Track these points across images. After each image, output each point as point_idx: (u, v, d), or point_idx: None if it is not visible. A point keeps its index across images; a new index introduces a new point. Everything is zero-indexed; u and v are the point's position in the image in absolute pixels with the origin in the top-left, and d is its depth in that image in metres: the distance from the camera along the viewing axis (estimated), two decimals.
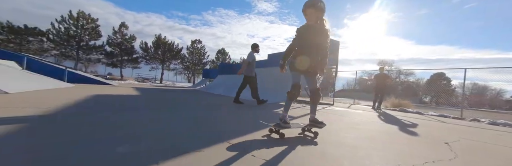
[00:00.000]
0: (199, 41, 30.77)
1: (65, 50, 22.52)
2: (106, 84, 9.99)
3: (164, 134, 1.59)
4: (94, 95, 4.39)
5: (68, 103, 2.89)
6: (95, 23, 22.51)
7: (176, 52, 28.40)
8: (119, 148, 1.19)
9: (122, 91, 6.37)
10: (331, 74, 7.86)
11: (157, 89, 9.86)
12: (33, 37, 22.18)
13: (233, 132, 1.78)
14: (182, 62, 30.39)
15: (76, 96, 3.91)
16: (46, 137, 1.31)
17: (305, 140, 1.69)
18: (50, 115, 2.01)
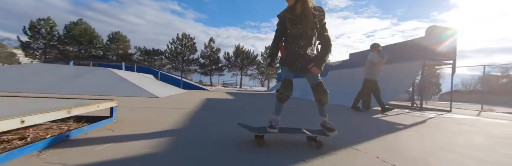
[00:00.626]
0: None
1: (175, 64, 29.69)
2: (204, 89, 12.36)
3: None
4: (207, 98, 5.60)
5: (200, 103, 3.88)
6: (192, 41, 28.51)
7: (252, 59, 31.14)
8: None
9: (219, 95, 7.72)
10: (434, 72, 6.22)
11: (243, 93, 11.18)
12: (157, 56, 30.58)
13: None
14: (257, 68, 32.87)
15: (197, 98, 5.15)
16: (212, 116, 1.89)
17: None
18: (199, 110, 2.81)
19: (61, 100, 1.60)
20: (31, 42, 23.61)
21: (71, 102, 1.48)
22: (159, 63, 31.24)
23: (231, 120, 2.35)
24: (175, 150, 1.24)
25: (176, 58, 28.59)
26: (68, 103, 1.42)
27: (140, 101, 3.91)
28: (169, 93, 6.37)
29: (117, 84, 5.34)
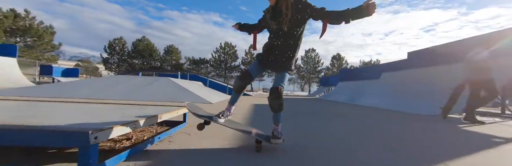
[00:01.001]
0: (313, 49, 31.41)
1: (218, 71, 31.82)
2: (248, 95, 12.76)
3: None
4: (255, 103, 5.77)
5: (251, 109, 4.03)
6: (234, 49, 30.16)
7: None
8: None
9: (264, 100, 7.84)
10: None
11: (285, 98, 11.06)
12: (203, 65, 33.42)
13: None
14: (297, 72, 32.26)
15: (246, 104, 5.36)
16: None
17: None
18: (254, 116, 2.91)
19: (152, 107, 1.89)
20: (109, 58, 29.13)
21: (159, 109, 1.73)
22: (205, 71, 34.02)
23: (290, 126, 2.33)
24: (253, 153, 1.29)
25: (220, 65, 30.63)
26: (157, 110, 1.66)
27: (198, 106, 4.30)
28: (219, 98, 6.81)
29: (176, 92, 6.02)
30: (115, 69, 29.73)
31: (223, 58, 30.34)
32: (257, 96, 12.55)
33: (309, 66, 31.65)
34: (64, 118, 1.19)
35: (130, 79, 7.08)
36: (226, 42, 30.45)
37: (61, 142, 0.88)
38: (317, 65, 31.57)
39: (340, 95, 10.95)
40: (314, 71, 31.61)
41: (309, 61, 31.59)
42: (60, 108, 1.64)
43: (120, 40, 29.23)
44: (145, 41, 30.19)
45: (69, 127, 0.91)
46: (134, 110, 1.73)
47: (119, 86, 6.45)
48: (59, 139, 0.87)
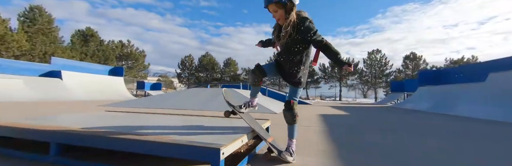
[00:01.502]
0: (378, 50, 27.93)
1: (272, 80, 32.36)
2: (307, 103, 12.28)
3: None
4: (321, 114, 5.46)
5: (320, 119, 3.83)
6: None
7: (354, 67, 28.25)
8: None
9: (328, 110, 7.32)
10: None
11: (350, 107, 10.01)
12: None
13: None
14: (359, 77, 29.11)
15: (310, 113, 5.15)
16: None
17: None
18: (329, 128, 2.73)
19: (237, 120, 2.04)
20: (181, 72, 34.46)
21: (243, 121, 1.84)
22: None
23: (365, 149, 2.04)
24: None
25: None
26: (243, 122, 1.77)
27: (265, 117, 4.40)
28: (281, 108, 6.83)
29: (241, 101, 6.42)
30: (186, 82, 34.80)
31: None
32: (317, 105, 11.90)
33: (374, 70, 27.97)
34: (186, 132, 1.41)
35: (202, 91, 8.06)
36: None
37: (194, 156, 1.03)
38: (385, 68, 27.54)
39: (421, 102, 9.10)
40: (381, 75, 27.68)
41: (374, 64, 27.97)
42: (173, 120, 1.99)
43: (189, 57, 34.38)
44: (208, 56, 34.34)
45: (199, 142, 1.06)
46: (226, 122, 1.90)
47: (194, 97, 7.42)
48: (192, 153, 1.02)
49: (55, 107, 5.77)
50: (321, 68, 30.34)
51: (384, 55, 27.53)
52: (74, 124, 1.44)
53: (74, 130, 1.18)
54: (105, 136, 1.09)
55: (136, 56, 26.67)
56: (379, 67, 27.65)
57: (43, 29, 17.74)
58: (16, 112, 4.11)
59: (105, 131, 1.20)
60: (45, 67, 11.38)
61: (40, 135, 1.22)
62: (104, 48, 23.42)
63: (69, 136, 1.15)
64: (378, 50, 27.97)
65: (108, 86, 13.53)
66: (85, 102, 8.38)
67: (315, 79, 30.64)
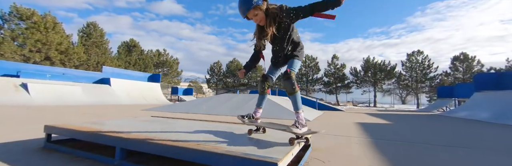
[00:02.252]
0: (419, 52, 25.40)
1: (300, 85, 31.66)
2: (339, 110, 11.60)
3: None
4: (359, 122, 5.07)
5: (360, 129, 3.54)
6: (315, 61, 29.45)
7: (389, 71, 25.96)
8: None
9: (364, 118, 6.77)
10: None
11: (390, 115, 9.13)
12: None
13: None
14: (397, 81, 26.65)
15: (347, 121, 4.81)
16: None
17: None
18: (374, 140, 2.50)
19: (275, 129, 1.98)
20: (210, 78, 36.02)
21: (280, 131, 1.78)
22: None
23: (459, 162, 1.77)
24: None
25: (301, 79, 30.47)
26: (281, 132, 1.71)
27: None
28: (313, 115, 6.55)
29: (273, 108, 6.35)
30: (215, 87, 36.18)
31: (304, 71, 30.12)
32: (350, 111, 11.15)
33: (415, 73, 25.28)
34: (235, 141, 1.42)
35: (232, 97, 8.24)
36: (307, 55, 30.40)
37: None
38: (428, 71, 24.69)
39: (479, 110, 7.85)
40: (423, 78, 24.86)
41: (414, 67, 25.30)
42: (217, 127, 2.04)
43: (217, 64, 35.89)
44: (235, 62, 35.36)
45: (255, 154, 1.04)
46: (268, 132, 1.87)
47: (225, 103, 7.61)
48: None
49: (108, 110, 6.49)
50: (352, 72, 28.67)
51: (427, 56, 24.82)
52: (134, 130, 1.56)
53: (138, 137, 1.27)
54: (167, 144, 1.15)
55: (170, 63, 28.87)
56: (421, 70, 24.90)
57: (96, 42, 20.51)
58: (79, 114, 4.72)
59: (166, 139, 1.26)
60: (97, 75, 13.01)
61: (108, 140, 1.34)
62: (144, 57, 25.95)
63: (134, 142, 1.25)
64: (419, 52, 25.34)
65: (147, 91, 14.81)
66: (129, 106, 9.26)
67: (346, 84, 29.00)
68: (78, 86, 10.63)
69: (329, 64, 29.25)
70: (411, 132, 3.74)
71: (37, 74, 10.04)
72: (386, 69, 26.20)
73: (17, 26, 14.68)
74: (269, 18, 1.52)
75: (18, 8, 14.85)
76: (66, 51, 16.45)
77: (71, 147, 1.66)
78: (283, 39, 1.60)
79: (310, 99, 11.81)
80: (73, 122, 3.47)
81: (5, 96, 7.69)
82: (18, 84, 8.54)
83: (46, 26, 15.43)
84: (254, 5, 1.45)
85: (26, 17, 14.88)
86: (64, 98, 9.33)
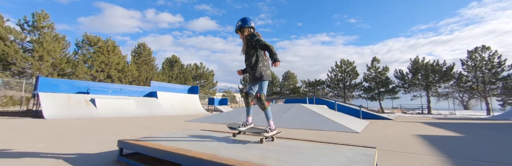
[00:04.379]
0: (485, 47, 21.66)
1: (336, 92, 29.81)
2: (387, 119, 10.39)
3: None
4: (419, 134, 4.41)
5: (425, 144, 3.05)
6: (352, 65, 27.67)
7: (446, 71, 22.59)
8: None
9: (424, 128, 5.86)
10: None
11: (455, 124, 7.72)
12: (319, 86, 33.08)
13: None
14: (457, 83, 22.88)
15: (403, 134, 4.22)
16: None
17: None
18: (458, 161, 2.09)
19: (340, 146, 1.82)
20: (243, 88, 36.90)
21: (346, 149, 1.62)
22: (322, 92, 33.21)
23: None
24: None
25: (337, 85, 28.77)
26: (348, 149, 1.55)
27: (348, 139, 3.90)
28: (359, 125, 5.99)
29: (314, 119, 6.05)
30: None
31: (341, 77, 28.40)
32: (401, 120, 9.86)
33: (481, 73, 21.31)
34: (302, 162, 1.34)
35: (271, 107, 8.19)
36: (343, 60, 28.81)
37: None
38: (500, 70, 20.53)
39: None
40: (493, 79, 20.71)
41: (479, 66, 21.35)
42: (271, 145, 2.00)
43: None
44: None
45: None
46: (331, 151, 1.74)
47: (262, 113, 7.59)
48: None
49: (158, 121, 7.13)
50: (397, 75, 25.80)
51: (495, 52, 20.84)
52: (193, 146, 1.64)
53: (202, 157, 1.31)
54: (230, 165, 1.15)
55: (206, 76, 30.77)
56: (490, 69, 20.84)
57: (145, 60, 23.38)
58: (138, 126, 5.28)
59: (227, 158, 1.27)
60: (147, 89, 14.60)
61: (175, 157, 1.42)
62: (184, 71, 28.34)
63: (198, 161, 1.29)
64: (484, 47, 21.42)
65: (188, 102, 15.90)
66: (174, 116, 10.02)
67: (391, 88, 26.10)
68: (132, 99, 12.06)
69: (369, 68, 26.99)
70: (493, 148, 3.05)
71: (102, 90, 11.80)
72: (441, 70, 22.74)
73: (87, 51, 17.88)
74: (246, 36, 2.24)
75: (88, 36, 18.19)
76: (123, 69, 19.12)
77: (139, 161, 1.82)
78: (249, 55, 2.21)
79: (351, 106, 10.92)
80: (135, 134, 3.89)
81: (81, 110, 9.18)
82: (88, 99, 10.14)
83: (108, 49, 18.38)
84: (245, 26, 2.28)
85: (93, 43, 18.05)
86: (121, 110, 10.65)
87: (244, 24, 2.27)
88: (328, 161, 1.30)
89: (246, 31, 2.28)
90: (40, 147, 2.65)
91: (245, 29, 2.28)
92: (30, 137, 3.44)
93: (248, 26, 2.28)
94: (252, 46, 2.16)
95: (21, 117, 8.19)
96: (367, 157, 1.35)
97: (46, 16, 14.78)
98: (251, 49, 2.18)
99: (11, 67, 13.11)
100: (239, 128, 2.22)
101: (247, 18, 2.31)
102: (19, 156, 2.17)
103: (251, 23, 2.29)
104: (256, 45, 2.11)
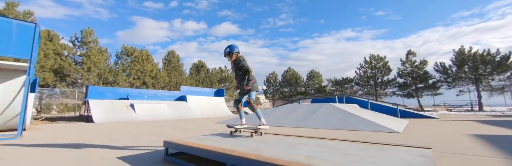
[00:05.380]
0: None
1: (367, 89, 27.95)
2: (429, 117, 9.39)
3: None
4: (472, 134, 3.89)
5: (480, 144, 2.67)
6: (383, 61, 25.78)
7: (501, 61, 19.68)
8: None
9: (477, 127, 5.14)
10: None
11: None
12: (347, 84, 31.46)
13: None
14: None
15: (446, 132, 3.76)
16: None
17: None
18: None
19: (387, 147, 1.71)
20: (267, 89, 36.90)
21: (392, 149, 1.50)
22: (350, 91, 31.48)
23: None
24: None
25: (367, 82, 27.00)
26: (396, 150, 1.43)
27: (389, 139, 3.62)
28: (399, 125, 5.51)
29: (346, 119, 5.75)
30: (272, 98, 36.66)
31: (371, 74, 26.58)
32: (447, 118, 8.80)
33: None
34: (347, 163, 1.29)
35: (297, 108, 8.03)
36: (372, 55, 27.00)
37: None
38: None
39: None
40: None
41: None
42: (308, 145, 1.96)
43: (273, 74, 36.67)
44: (291, 71, 35.20)
45: None
46: (379, 152, 1.63)
47: (291, 114, 7.47)
48: None
49: (190, 123, 7.51)
50: (438, 68, 23.21)
51: None
52: (235, 146, 1.68)
53: (248, 157, 1.34)
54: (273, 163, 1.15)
55: (231, 78, 31.54)
56: None
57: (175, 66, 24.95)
58: (174, 128, 5.64)
59: (273, 158, 1.28)
60: (177, 94, 15.51)
61: (219, 156, 1.48)
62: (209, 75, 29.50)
63: (243, 160, 1.32)
64: None
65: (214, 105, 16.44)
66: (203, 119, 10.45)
67: (431, 84, 23.57)
68: (165, 103, 12.91)
69: (403, 62, 24.77)
70: None
71: (139, 96, 12.87)
72: (494, 60, 19.78)
73: (125, 60, 19.76)
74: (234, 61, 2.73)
75: (126, 47, 20.13)
76: (155, 76, 20.68)
77: (184, 160, 1.93)
78: (238, 75, 2.72)
79: (385, 105, 10.13)
80: (174, 135, 4.15)
81: (122, 114, 10.13)
82: (128, 104, 11.14)
83: (142, 58, 20.08)
84: (233, 51, 2.76)
85: (130, 53, 19.90)
86: (156, 114, 11.47)
87: (232, 50, 2.75)
88: (382, 163, 1.22)
89: (234, 56, 2.75)
90: (99, 146, 2.99)
91: (233, 54, 2.75)
92: (88, 138, 3.91)
93: (235, 52, 2.76)
94: (239, 68, 2.67)
95: (76, 121, 9.33)
96: (424, 159, 1.23)
97: (91, 32, 16.78)
98: (239, 71, 2.68)
99: (66, 79, 15.12)
100: (236, 126, 2.73)
101: (233, 45, 2.80)
102: (84, 153, 2.48)
103: (237, 49, 2.78)
104: (241, 68, 2.65)
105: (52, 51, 14.14)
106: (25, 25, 4.16)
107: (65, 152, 2.69)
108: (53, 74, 14.24)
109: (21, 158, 2.39)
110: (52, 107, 15.07)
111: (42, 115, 12.71)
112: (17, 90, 4.81)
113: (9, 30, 3.93)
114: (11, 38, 3.93)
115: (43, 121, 9.02)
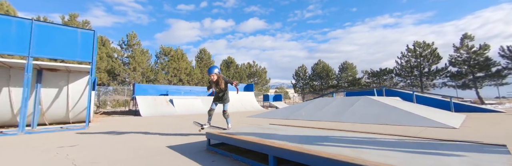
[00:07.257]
0: None
1: (410, 81, 25.10)
2: (493, 111, 8.01)
3: None
4: None
5: None
6: (431, 48, 22.71)
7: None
8: None
9: None
10: None
11: None
12: (385, 75, 28.76)
13: None
14: None
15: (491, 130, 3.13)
16: None
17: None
18: None
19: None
20: (297, 83, 36.12)
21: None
22: (390, 83, 28.72)
23: None
24: None
25: (411, 73, 24.19)
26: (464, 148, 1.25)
27: (444, 135, 3.22)
28: (456, 120, 4.84)
29: (386, 112, 5.31)
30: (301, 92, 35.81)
31: (415, 63, 23.69)
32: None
33: None
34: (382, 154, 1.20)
35: (330, 101, 7.69)
36: (417, 42, 23.93)
37: None
38: None
39: None
40: None
41: None
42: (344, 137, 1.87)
43: (302, 68, 35.62)
44: (321, 63, 33.68)
45: None
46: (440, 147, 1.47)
47: (324, 108, 7.20)
48: None
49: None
50: (504, 54, 19.44)
51: None
52: (275, 138, 1.70)
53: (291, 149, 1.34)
54: (322, 156, 1.13)
55: (260, 73, 31.76)
56: None
57: (206, 63, 26.22)
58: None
59: (316, 150, 1.25)
60: None
61: (262, 148, 1.52)
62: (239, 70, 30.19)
63: (286, 152, 1.33)
64: None
65: (245, 99, 16.83)
66: (235, 113, 10.83)
67: (495, 72, 19.93)
68: (199, 98, 13.73)
69: (457, 48, 21.37)
70: None
71: (176, 92, 13.95)
72: None
73: (163, 60, 21.53)
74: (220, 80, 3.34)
75: (163, 47, 21.88)
76: (190, 73, 22.09)
77: (225, 150, 2.04)
78: (221, 89, 3.37)
79: (434, 97, 8.96)
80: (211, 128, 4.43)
81: (163, 108, 11.15)
82: (167, 100, 12.19)
83: (178, 57, 21.59)
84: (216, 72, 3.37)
85: (167, 53, 21.58)
86: (192, 108, 12.31)
87: (218, 71, 3.44)
88: (444, 160, 1.09)
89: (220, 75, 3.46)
90: (150, 136, 3.37)
91: (219, 74, 3.45)
92: (140, 129, 4.43)
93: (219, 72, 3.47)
94: (225, 83, 3.36)
95: (126, 115, 10.62)
96: (500, 157, 1.05)
97: (135, 36, 18.63)
98: (225, 85, 3.37)
99: (117, 78, 17.22)
100: (204, 125, 3.42)
101: (217, 66, 3.55)
102: (140, 142, 2.82)
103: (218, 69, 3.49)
104: (227, 82, 3.38)
105: (105, 54, 16.20)
106: (86, 32, 4.83)
107: (126, 140, 3.10)
108: (107, 74, 16.38)
109: (93, 145, 2.84)
110: (107, 102, 17.43)
111: (100, 110, 14.82)
112: (82, 88, 5.69)
113: (75, 37, 4.61)
114: (77, 44, 4.61)
115: (101, 115, 10.52)
